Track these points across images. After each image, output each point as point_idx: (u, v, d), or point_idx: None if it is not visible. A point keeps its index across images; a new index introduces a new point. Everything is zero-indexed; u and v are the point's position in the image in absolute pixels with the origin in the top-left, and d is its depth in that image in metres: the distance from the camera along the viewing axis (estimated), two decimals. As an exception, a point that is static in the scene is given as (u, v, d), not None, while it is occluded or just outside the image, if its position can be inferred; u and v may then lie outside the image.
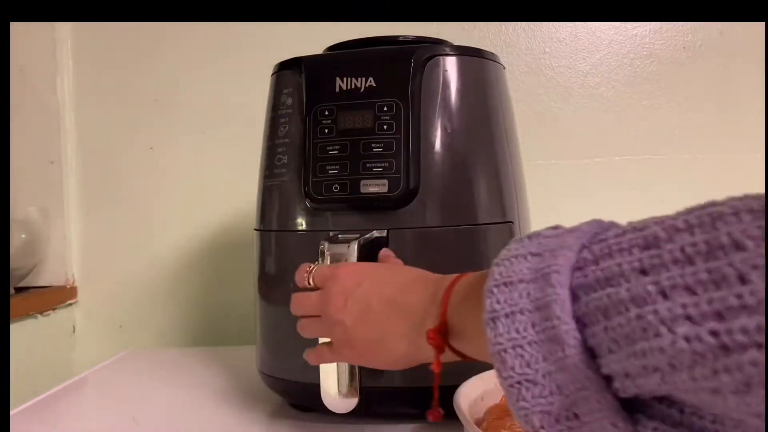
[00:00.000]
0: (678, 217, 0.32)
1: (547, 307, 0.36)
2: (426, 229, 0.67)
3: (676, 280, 0.30)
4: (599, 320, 0.34)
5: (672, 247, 0.31)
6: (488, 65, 0.72)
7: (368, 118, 0.67)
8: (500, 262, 0.40)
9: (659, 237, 0.32)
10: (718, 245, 0.29)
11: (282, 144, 0.72)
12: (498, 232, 0.69)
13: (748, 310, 0.28)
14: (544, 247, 0.39)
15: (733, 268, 0.28)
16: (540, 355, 0.36)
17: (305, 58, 0.72)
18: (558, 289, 0.35)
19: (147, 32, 1.25)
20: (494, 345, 0.37)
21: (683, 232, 0.31)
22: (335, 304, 0.56)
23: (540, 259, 0.38)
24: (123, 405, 0.84)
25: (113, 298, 1.26)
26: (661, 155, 1.21)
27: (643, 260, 0.32)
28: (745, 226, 0.29)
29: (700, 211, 0.31)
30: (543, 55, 1.22)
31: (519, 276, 0.38)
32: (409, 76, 0.67)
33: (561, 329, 0.35)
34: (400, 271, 0.59)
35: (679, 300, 0.30)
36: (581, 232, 0.38)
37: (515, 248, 0.41)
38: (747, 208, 0.29)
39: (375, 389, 0.66)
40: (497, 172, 0.71)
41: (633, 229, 0.35)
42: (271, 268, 0.75)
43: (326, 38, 0.79)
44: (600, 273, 0.34)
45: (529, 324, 0.36)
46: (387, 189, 0.66)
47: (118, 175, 1.26)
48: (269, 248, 0.75)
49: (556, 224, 0.43)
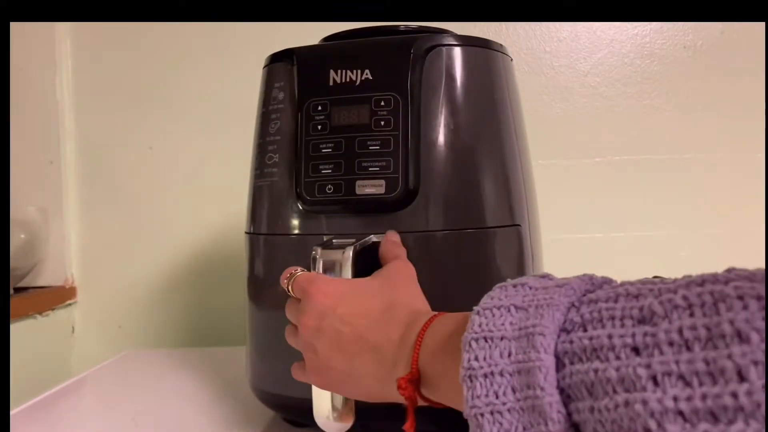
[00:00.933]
0: (677, 289, 0.29)
1: (529, 372, 0.32)
2: (427, 234, 0.58)
3: (670, 366, 0.27)
4: (585, 396, 0.30)
5: (669, 327, 0.28)
6: (495, 56, 0.63)
7: (364, 113, 0.58)
8: (482, 312, 0.36)
9: (655, 312, 0.29)
10: (719, 334, 0.26)
11: (273, 141, 0.63)
12: (505, 237, 0.60)
13: (745, 413, 0.24)
14: (530, 302, 0.35)
15: (733, 361, 0.25)
16: (520, 425, 0.32)
17: (297, 50, 0.63)
18: (542, 353, 0.32)
19: (146, 32, 1.20)
20: (471, 407, 0.34)
21: (682, 311, 0.28)
22: (308, 324, 0.50)
23: (525, 315, 0.35)
24: (122, 405, 0.81)
25: (112, 299, 1.21)
26: (661, 155, 1.16)
27: (636, 336, 0.29)
28: (750, 316, 0.26)
29: (701, 288, 0.28)
30: (543, 55, 1.16)
31: (500, 332, 0.34)
32: (408, 67, 0.58)
33: (545, 401, 0.31)
34: (377, 292, 0.51)
35: (671, 391, 0.27)
36: (571, 288, 0.35)
37: (498, 297, 0.37)
38: (754, 294, 0.26)
39: (373, 406, 0.56)
40: (505, 171, 0.61)
41: (627, 295, 0.31)
42: (261, 275, 0.66)
43: (328, 33, 0.71)
44: (588, 342, 0.31)
45: (509, 388, 0.33)
46: (384, 190, 0.56)
47: (118, 175, 1.21)
48: (259, 253, 0.66)
49: (545, 273, 0.40)
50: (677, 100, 1.15)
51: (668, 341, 0.28)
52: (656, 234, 1.14)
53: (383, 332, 0.47)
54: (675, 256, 1.13)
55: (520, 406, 0.32)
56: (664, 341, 0.28)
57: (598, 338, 0.30)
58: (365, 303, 0.50)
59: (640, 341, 0.29)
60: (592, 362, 0.30)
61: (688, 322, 0.27)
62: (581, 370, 0.30)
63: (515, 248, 0.60)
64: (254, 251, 0.67)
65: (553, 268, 1.13)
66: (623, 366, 0.29)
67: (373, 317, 0.48)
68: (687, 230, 1.14)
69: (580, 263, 1.13)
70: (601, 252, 1.15)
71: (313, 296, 0.50)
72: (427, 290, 0.53)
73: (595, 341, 0.30)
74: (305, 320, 0.50)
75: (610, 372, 0.29)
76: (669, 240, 1.14)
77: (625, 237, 1.14)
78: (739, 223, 1.13)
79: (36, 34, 1.16)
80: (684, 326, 0.27)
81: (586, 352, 0.31)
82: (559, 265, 1.11)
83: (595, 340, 0.30)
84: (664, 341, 0.28)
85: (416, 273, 0.55)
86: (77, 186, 1.20)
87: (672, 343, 0.27)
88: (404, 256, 0.56)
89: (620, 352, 0.29)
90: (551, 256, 1.09)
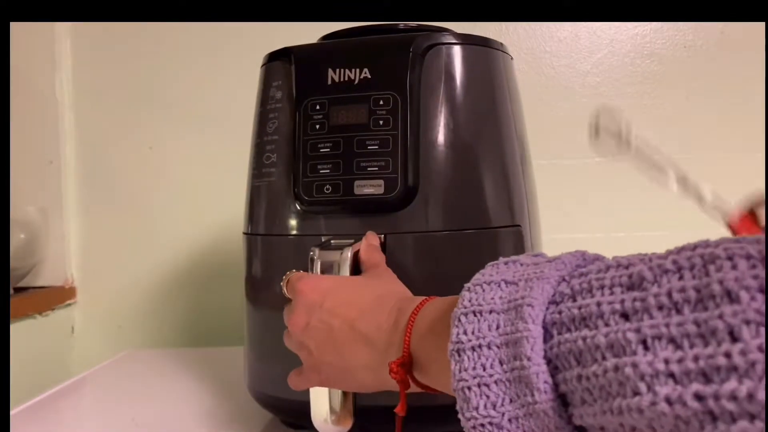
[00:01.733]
0: (667, 255, 0.29)
1: (517, 343, 0.32)
2: (426, 234, 0.57)
3: (660, 330, 0.27)
4: (572, 365, 0.30)
5: (658, 291, 0.28)
6: (495, 55, 0.62)
7: (363, 112, 0.57)
8: (471, 288, 0.36)
9: (645, 277, 0.28)
10: (709, 294, 0.26)
11: (271, 141, 0.62)
12: (506, 237, 0.59)
13: (738, 372, 0.24)
14: (520, 276, 0.35)
15: (724, 321, 0.25)
16: (507, 397, 0.32)
17: (295, 48, 0.62)
18: (530, 324, 0.31)
19: (146, 32, 1.19)
20: (458, 380, 0.33)
21: (672, 274, 0.28)
22: (297, 322, 0.49)
23: (514, 289, 0.34)
24: (122, 405, 0.81)
25: (112, 299, 1.20)
26: (661, 155, 1.12)
27: (625, 302, 0.29)
28: (740, 275, 0.25)
29: (692, 252, 0.28)
30: (543, 55, 1.15)
31: (490, 305, 0.34)
32: (407, 66, 0.57)
33: (531, 371, 0.31)
34: (364, 284, 0.51)
35: (662, 354, 0.26)
36: (562, 263, 0.35)
37: (489, 273, 0.37)
38: (744, 253, 0.26)
39: (371, 408, 0.55)
40: (505, 171, 0.60)
41: (617, 265, 0.31)
42: (258, 276, 0.65)
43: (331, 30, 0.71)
44: (576, 311, 0.30)
45: (496, 360, 0.33)
46: (383, 190, 0.55)
47: (117, 175, 1.20)
48: (257, 254, 0.65)
49: (537, 252, 0.39)
50: (677, 100, 1.14)
51: (658, 305, 0.27)
52: (656, 234, 1.13)
53: (373, 321, 0.46)
54: (675, 256, 1.12)
55: (507, 378, 0.32)
56: (654, 305, 0.27)
57: (587, 307, 0.30)
58: (353, 294, 0.49)
59: (629, 306, 0.28)
60: (580, 331, 0.30)
61: (678, 284, 0.27)
62: (569, 339, 0.30)
63: (515, 249, 0.59)
64: (252, 252, 0.66)
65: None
66: (612, 332, 0.28)
67: (363, 307, 0.47)
68: (687, 230, 1.11)
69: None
70: (601, 252, 1.12)
71: (300, 293, 0.50)
72: (426, 290, 0.52)
73: (584, 310, 0.30)
74: (294, 319, 0.49)
75: (599, 338, 0.28)
76: (669, 240, 1.09)
77: (625, 237, 1.13)
78: (739, 223, 1.11)
79: (36, 34, 1.16)
80: (673, 289, 0.27)
81: (575, 322, 0.30)
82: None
83: (584, 309, 0.30)
84: (653, 305, 0.27)
85: (416, 273, 0.54)
86: (77, 186, 1.19)
87: (661, 307, 0.27)
88: (384, 264, 0.55)
89: (609, 318, 0.29)
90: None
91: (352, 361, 0.47)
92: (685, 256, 0.28)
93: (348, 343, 0.46)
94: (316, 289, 0.50)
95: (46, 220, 1.15)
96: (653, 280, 0.28)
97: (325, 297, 0.49)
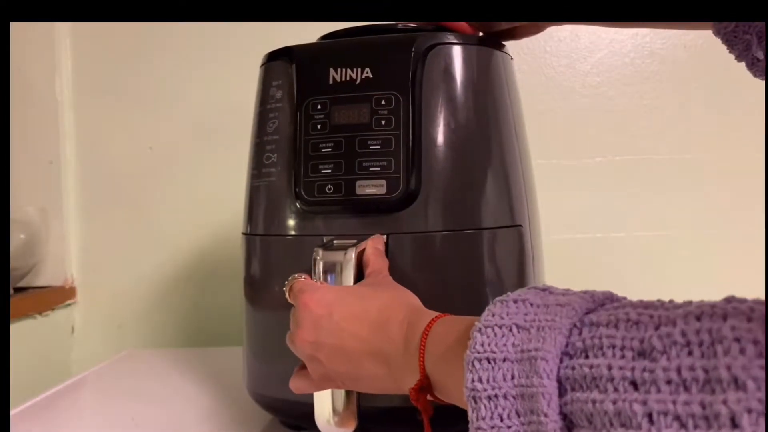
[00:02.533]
0: (676, 321, 0.29)
1: (533, 397, 0.33)
2: (428, 234, 0.57)
3: (666, 406, 0.27)
4: (586, 425, 0.31)
5: (667, 365, 0.28)
6: (495, 55, 0.62)
7: (364, 112, 0.56)
8: (483, 330, 0.36)
9: (654, 347, 0.29)
10: (717, 378, 0.26)
11: (271, 141, 0.61)
12: (506, 237, 0.58)
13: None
14: (531, 321, 0.35)
15: (728, 407, 0.25)
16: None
17: (296, 48, 0.62)
18: (545, 379, 0.32)
19: (146, 32, 1.19)
20: (476, 428, 0.35)
21: (680, 348, 0.28)
22: (305, 336, 0.49)
23: (527, 336, 0.35)
24: (122, 405, 0.80)
25: (112, 299, 1.20)
26: (661, 155, 1.14)
27: (635, 370, 0.29)
28: (747, 362, 0.26)
29: (700, 324, 0.28)
30: (543, 55, 1.15)
31: (503, 353, 0.35)
32: (409, 66, 0.57)
33: (548, 427, 0.32)
34: (369, 295, 0.50)
35: (666, 430, 0.27)
36: (572, 309, 0.35)
37: (500, 315, 0.37)
38: (752, 338, 0.26)
39: (373, 409, 0.55)
40: (506, 171, 0.60)
41: (627, 321, 0.32)
42: (257, 276, 0.65)
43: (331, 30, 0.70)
44: (588, 370, 0.31)
45: (513, 411, 0.34)
46: (385, 190, 0.55)
47: (117, 175, 1.20)
48: (256, 255, 0.65)
49: (545, 285, 0.39)
50: (677, 100, 1.14)
51: (666, 379, 0.28)
52: (656, 234, 1.13)
53: (384, 334, 0.46)
54: (675, 256, 1.13)
55: (525, 430, 0.33)
56: (662, 379, 0.28)
57: (597, 367, 0.31)
58: (360, 305, 0.49)
59: (639, 376, 0.29)
60: (591, 392, 0.30)
61: (687, 361, 0.28)
62: (581, 398, 0.31)
63: (516, 249, 0.59)
64: (250, 252, 0.66)
65: (554, 268, 1.12)
66: (620, 400, 0.29)
67: (371, 318, 0.47)
68: (687, 230, 1.13)
69: (580, 263, 1.13)
70: (601, 252, 1.14)
71: (305, 307, 0.50)
72: (428, 290, 0.53)
73: (595, 370, 0.31)
74: (302, 334, 0.49)
75: (608, 405, 0.29)
76: (669, 240, 1.13)
77: (625, 237, 1.13)
78: (739, 223, 1.12)
79: (36, 34, 1.15)
80: (682, 366, 0.28)
81: (587, 380, 0.31)
82: (559, 265, 1.10)
83: (595, 369, 0.31)
84: (662, 379, 0.28)
85: (417, 273, 0.54)
86: (77, 186, 1.19)
87: (670, 382, 0.28)
88: (386, 270, 0.55)
89: (619, 384, 0.29)
90: (551, 256, 1.08)
91: (368, 372, 0.47)
92: (694, 329, 0.28)
93: (361, 357, 0.47)
94: (321, 302, 0.49)
95: (46, 220, 1.14)
96: (662, 351, 0.29)
97: (331, 310, 0.48)
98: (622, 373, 0.29)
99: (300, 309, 0.50)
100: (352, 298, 0.50)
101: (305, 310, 0.49)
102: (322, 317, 0.48)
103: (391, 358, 0.45)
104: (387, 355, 0.46)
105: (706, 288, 1.10)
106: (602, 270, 1.14)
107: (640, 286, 1.11)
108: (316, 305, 0.49)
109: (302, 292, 0.50)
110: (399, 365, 0.45)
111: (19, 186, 1.12)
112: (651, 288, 1.11)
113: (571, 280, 1.14)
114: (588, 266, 1.14)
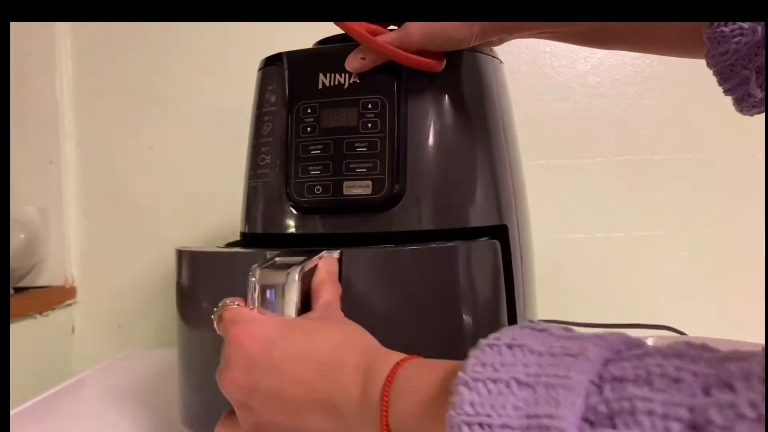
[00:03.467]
0: (732, 383, 0.23)
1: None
2: (413, 234, 0.59)
3: None
4: None
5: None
6: (483, 59, 0.64)
7: (352, 115, 0.59)
8: (472, 385, 0.28)
9: (713, 421, 0.23)
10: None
11: (266, 143, 0.65)
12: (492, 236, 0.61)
13: None
14: (536, 376, 0.28)
15: None
16: None
17: (288, 53, 0.65)
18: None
19: (147, 32, 1.20)
20: None
21: (752, 427, 0.22)
22: (236, 378, 0.41)
23: (532, 397, 0.27)
24: (122, 405, 0.81)
25: (112, 298, 1.21)
26: (661, 155, 1.15)
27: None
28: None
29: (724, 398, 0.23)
30: (543, 55, 1.16)
31: (501, 417, 0.27)
32: (395, 71, 0.60)
33: None
34: (317, 330, 0.43)
35: None
36: (587, 361, 0.27)
37: (492, 365, 0.29)
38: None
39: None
40: (493, 172, 0.62)
41: (661, 376, 0.25)
42: (189, 296, 0.68)
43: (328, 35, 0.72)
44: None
45: None
46: (371, 191, 0.58)
47: (118, 175, 1.21)
48: (187, 270, 0.68)
49: (540, 323, 0.32)
50: (677, 100, 1.14)
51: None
52: (656, 234, 1.14)
53: (335, 380, 0.39)
54: (675, 256, 1.14)
55: None
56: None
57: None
58: (306, 343, 0.41)
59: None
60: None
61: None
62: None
63: (502, 248, 0.61)
64: (181, 267, 0.68)
65: (554, 267, 1.15)
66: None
67: (319, 360, 0.40)
68: (687, 230, 1.14)
69: (580, 263, 1.14)
70: (601, 252, 1.15)
71: (237, 342, 0.42)
72: (397, 301, 0.52)
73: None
74: (232, 375, 0.42)
75: None
76: (669, 240, 1.14)
77: (625, 237, 1.14)
78: (739, 223, 1.13)
79: (36, 34, 1.17)
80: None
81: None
82: (559, 265, 1.13)
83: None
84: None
85: (387, 283, 0.53)
86: (77, 186, 1.20)
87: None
88: (338, 301, 0.48)
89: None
90: (551, 256, 1.10)
91: (310, 425, 0.39)
92: (761, 394, 0.23)
93: (304, 407, 0.39)
94: (257, 339, 0.41)
95: (46, 220, 1.15)
96: (725, 427, 0.23)
97: (269, 348, 0.41)
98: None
99: (231, 344, 0.42)
100: (296, 334, 0.42)
101: (237, 346, 0.42)
102: (257, 355, 0.41)
103: (343, 411, 0.38)
104: (337, 407, 0.38)
105: (706, 288, 1.12)
106: (602, 270, 1.15)
107: (640, 286, 1.13)
108: (251, 341, 0.41)
109: (234, 323, 0.43)
110: (353, 420, 0.37)
111: (19, 186, 1.13)
112: (651, 288, 1.13)
113: (571, 280, 1.16)
114: (588, 266, 1.15)
